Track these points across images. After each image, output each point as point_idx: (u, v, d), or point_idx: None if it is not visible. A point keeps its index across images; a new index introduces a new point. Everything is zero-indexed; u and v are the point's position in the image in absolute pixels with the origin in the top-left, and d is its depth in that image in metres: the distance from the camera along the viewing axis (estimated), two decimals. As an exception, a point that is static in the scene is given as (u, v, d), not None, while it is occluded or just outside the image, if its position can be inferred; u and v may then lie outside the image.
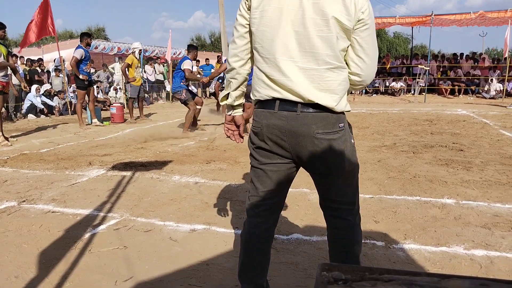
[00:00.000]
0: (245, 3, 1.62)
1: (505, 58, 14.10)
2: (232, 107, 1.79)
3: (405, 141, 6.12)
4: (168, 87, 15.68)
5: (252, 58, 1.70)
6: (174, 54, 21.37)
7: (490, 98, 14.01)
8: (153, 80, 15.75)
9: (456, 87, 15.11)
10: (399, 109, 10.95)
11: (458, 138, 6.32)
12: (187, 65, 7.19)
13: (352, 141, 1.67)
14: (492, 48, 46.05)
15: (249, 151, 1.78)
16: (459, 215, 3.07)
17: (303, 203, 3.42)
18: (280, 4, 1.52)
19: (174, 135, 7.12)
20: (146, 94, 13.35)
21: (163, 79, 16.38)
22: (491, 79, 14.49)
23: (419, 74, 14.90)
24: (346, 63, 1.59)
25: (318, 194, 1.77)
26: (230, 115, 1.81)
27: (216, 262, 2.42)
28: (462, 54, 16.82)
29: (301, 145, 1.58)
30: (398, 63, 17.45)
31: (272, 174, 1.69)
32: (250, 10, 1.61)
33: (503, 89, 13.85)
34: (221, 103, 1.92)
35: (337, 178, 1.65)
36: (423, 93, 14.12)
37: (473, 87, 15.14)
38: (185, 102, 7.34)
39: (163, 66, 16.68)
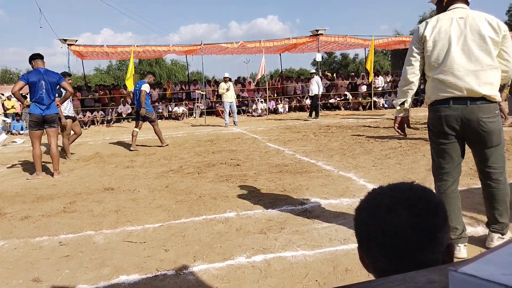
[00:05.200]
0: (419, 38, 2.56)
1: (265, 81, 16.62)
2: (404, 110, 2.71)
3: (190, 163, 6.38)
4: None
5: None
6: None
7: (258, 116, 16.18)
8: None
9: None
10: (183, 132, 11.42)
11: (235, 154, 6.99)
12: (145, 87, 8.33)
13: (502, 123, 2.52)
14: (255, 72, 53.63)
15: None
16: (240, 226, 3.35)
17: (87, 248, 3.10)
18: (447, 34, 2.45)
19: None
20: None
21: None
22: (258, 99, 16.79)
23: (197, 98, 15.97)
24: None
25: (477, 167, 2.65)
26: (401, 116, 2.75)
27: None
28: (231, 79, 18.91)
29: (471, 127, 2.43)
30: (178, 89, 18.30)
31: (449, 150, 2.55)
32: (423, 42, 2.53)
33: (267, 108, 16.22)
34: (398, 108, 2.73)
35: (494, 149, 2.50)
36: (203, 116, 15.18)
37: (244, 107, 17.18)
38: (152, 121, 8.50)
39: None
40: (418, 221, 0.71)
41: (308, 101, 15.98)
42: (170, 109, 16.80)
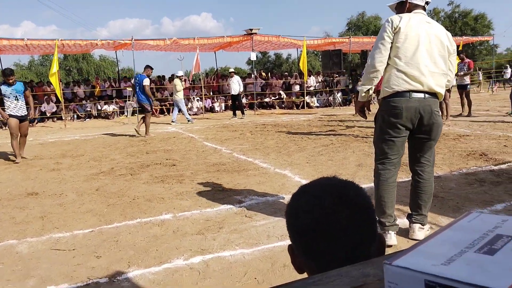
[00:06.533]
0: (393, 28, 2.65)
1: (200, 79, 16.42)
2: (368, 96, 2.86)
3: (123, 164, 6.12)
4: None
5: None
6: None
7: (193, 114, 15.95)
8: None
9: (164, 107, 16.46)
10: (114, 131, 10.92)
11: (170, 154, 6.83)
12: (146, 82, 9.37)
13: None
14: (189, 70, 52.84)
15: None
16: (177, 228, 3.28)
17: (9, 258, 2.85)
18: (417, 32, 2.63)
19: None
20: None
21: None
22: (193, 98, 16.55)
23: (129, 96, 15.35)
24: None
25: (412, 159, 2.88)
26: (364, 101, 2.93)
27: None
28: (164, 76, 18.47)
29: (425, 119, 2.65)
30: (107, 86, 17.46)
31: (398, 142, 2.74)
32: (395, 33, 2.64)
33: (203, 106, 16.05)
34: (362, 95, 2.85)
35: (433, 143, 2.79)
36: (136, 114, 14.64)
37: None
38: (147, 111, 9.42)
39: None
40: (360, 218, 0.72)
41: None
42: (100, 108, 15.99)
